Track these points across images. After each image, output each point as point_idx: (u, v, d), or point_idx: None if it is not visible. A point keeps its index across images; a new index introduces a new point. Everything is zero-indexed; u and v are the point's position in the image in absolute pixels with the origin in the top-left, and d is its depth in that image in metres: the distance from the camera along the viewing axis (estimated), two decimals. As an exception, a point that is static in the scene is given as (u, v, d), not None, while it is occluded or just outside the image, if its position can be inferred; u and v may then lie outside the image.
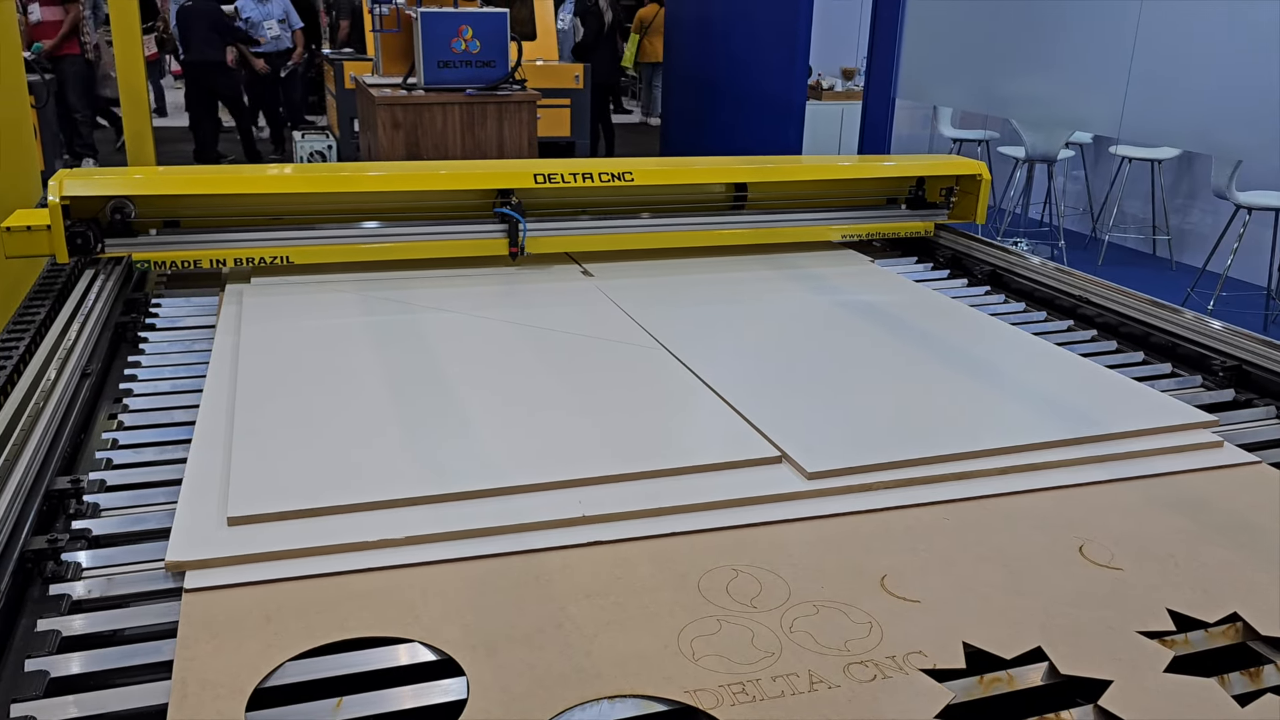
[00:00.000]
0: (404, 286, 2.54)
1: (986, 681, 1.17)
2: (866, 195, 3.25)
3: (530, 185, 2.75)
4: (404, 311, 2.35)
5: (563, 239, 2.83)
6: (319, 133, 8.96)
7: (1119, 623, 1.28)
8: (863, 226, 3.13)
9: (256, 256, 2.57)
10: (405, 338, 2.17)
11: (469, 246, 2.73)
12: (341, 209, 2.72)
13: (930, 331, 2.34)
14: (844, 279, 2.79)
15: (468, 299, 2.46)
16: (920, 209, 3.23)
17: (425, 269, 2.67)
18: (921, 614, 1.29)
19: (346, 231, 2.67)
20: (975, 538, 1.49)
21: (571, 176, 2.76)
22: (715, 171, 3.11)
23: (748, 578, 1.35)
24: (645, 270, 2.79)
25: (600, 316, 2.36)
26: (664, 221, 2.93)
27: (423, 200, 2.77)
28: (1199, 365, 2.28)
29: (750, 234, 3.00)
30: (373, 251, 2.67)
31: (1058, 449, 1.76)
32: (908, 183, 3.25)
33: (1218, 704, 1.14)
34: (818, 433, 1.74)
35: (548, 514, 1.47)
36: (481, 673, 1.14)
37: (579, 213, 2.90)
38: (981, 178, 3.14)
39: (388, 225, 2.70)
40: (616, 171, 2.82)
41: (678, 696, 1.11)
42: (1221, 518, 1.58)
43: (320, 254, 2.62)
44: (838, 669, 1.17)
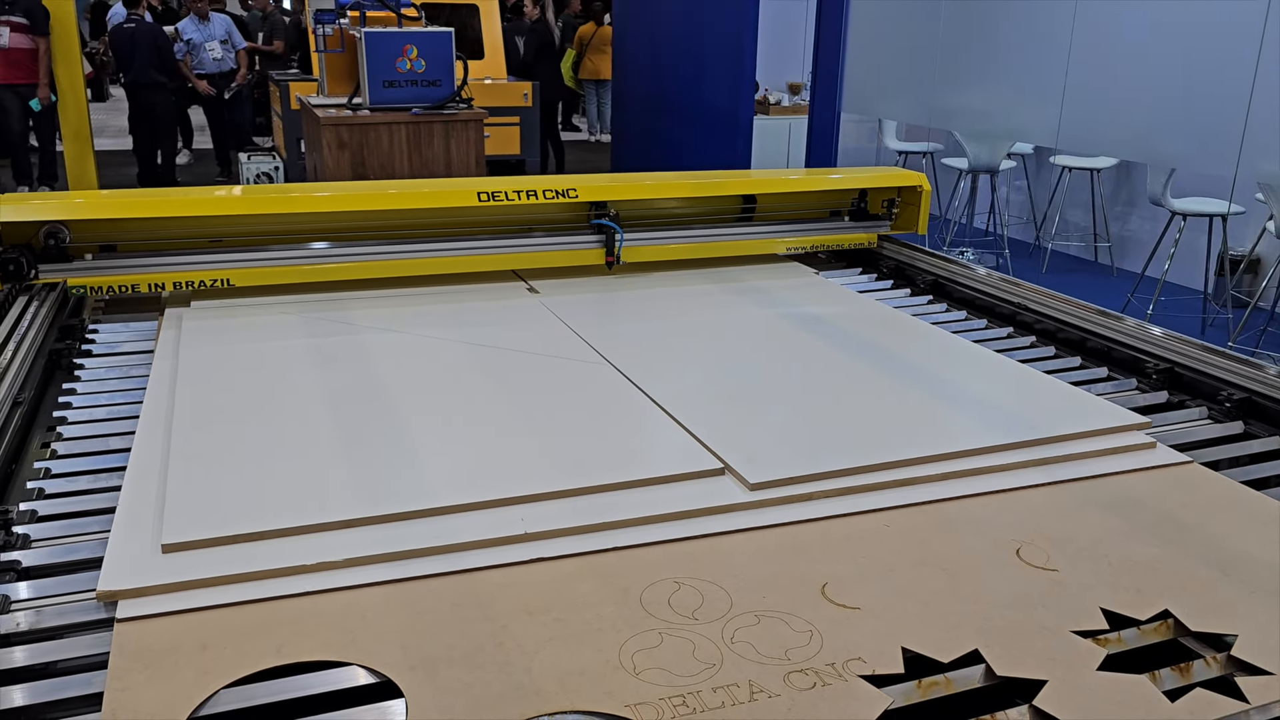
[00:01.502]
0: (348, 307, 2.52)
1: (925, 686, 1.19)
2: (810, 208, 3.28)
3: (473, 204, 2.75)
4: (347, 332, 2.34)
5: (509, 257, 2.83)
6: (265, 154, 8.88)
7: (1054, 623, 1.30)
8: (807, 239, 3.17)
9: (196, 280, 2.53)
10: (347, 358, 2.16)
11: (416, 266, 2.72)
12: (283, 230, 2.68)
13: (872, 341, 2.37)
14: (789, 291, 2.81)
15: (412, 319, 2.44)
16: (863, 220, 3.27)
17: (369, 289, 2.66)
18: (861, 621, 1.30)
19: (288, 253, 2.63)
20: (914, 544, 1.50)
21: (516, 194, 2.75)
22: (660, 187, 3.12)
23: (690, 590, 1.36)
24: (591, 286, 2.79)
25: (545, 333, 2.36)
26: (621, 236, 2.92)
27: (367, 221, 2.75)
28: (1133, 368, 2.33)
29: (696, 248, 3.01)
30: (316, 272, 2.64)
31: (995, 454, 1.78)
32: (850, 195, 3.29)
33: (1149, 700, 1.16)
34: (759, 444, 1.75)
35: (488, 532, 1.46)
36: (420, 694, 1.13)
37: (526, 230, 2.90)
38: (922, 189, 3.20)
39: (332, 246, 2.68)
40: (561, 189, 2.82)
41: (618, 711, 1.11)
42: (1154, 517, 1.61)
43: (262, 276, 2.59)
44: (778, 678, 1.17)
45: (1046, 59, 4.88)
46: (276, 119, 9.08)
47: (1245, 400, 2.08)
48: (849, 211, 3.30)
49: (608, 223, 2.89)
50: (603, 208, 2.88)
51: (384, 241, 2.72)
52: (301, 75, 8.86)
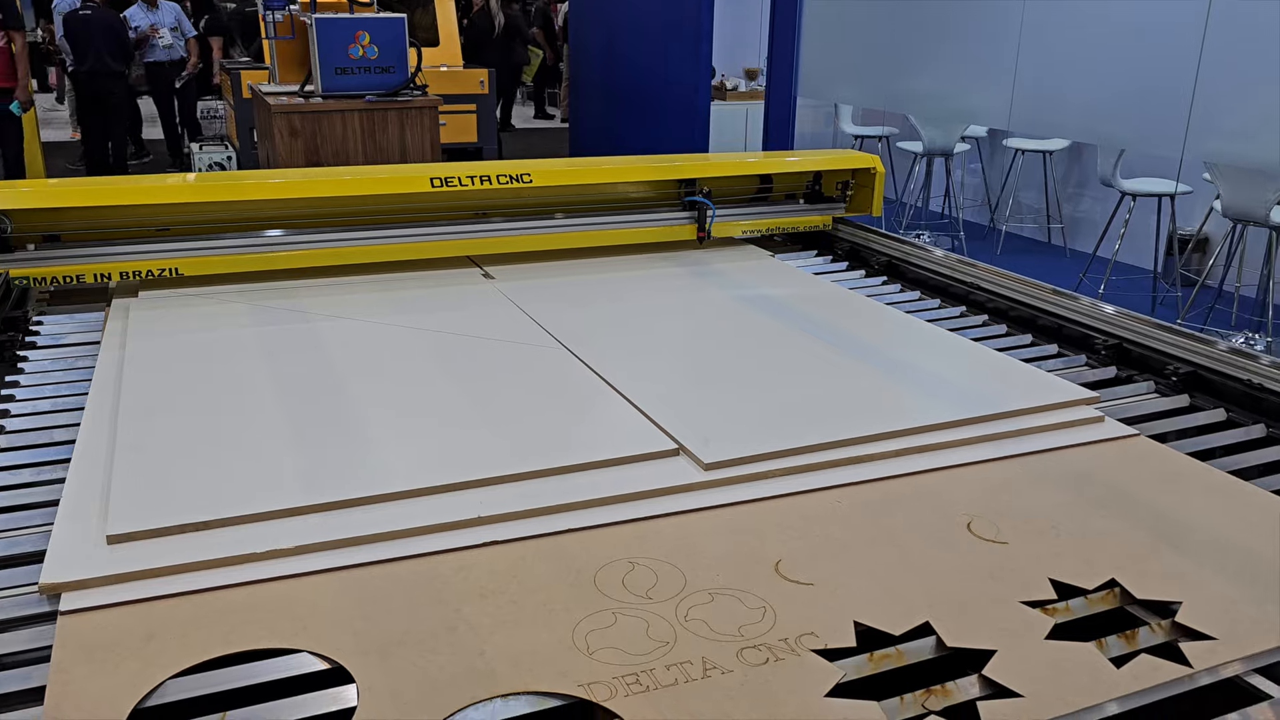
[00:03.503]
0: (300, 296, 2.49)
1: (876, 658, 1.20)
2: (766, 191, 3.28)
3: (426, 189, 2.71)
4: (299, 320, 2.31)
5: (464, 243, 2.80)
6: (218, 144, 8.74)
7: (1004, 594, 1.32)
8: (763, 222, 3.16)
9: (144, 270, 2.49)
10: (299, 347, 2.13)
11: (369, 253, 2.69)
12: (233, 218, 2.64)
13: (826, 322, 2.38)
14: (744, 274, 2.81)
15: (366, 306, 2.42)
16: (818, 203, 3.28)
17: (322, 277, 2.62)
18: (814, 596, 1.31)
19: (238, 241, 2.59)
20: (867, 520, 1.51)
21: (470, 180, 2.72)
22: (615, 171, 3.09)
23: (644, 570, 1.36)
24: (547, 272, 2.77)
25: (500, 318, 2.34)
26: (566, 222, 2.92)
27: (319, 208, 2.71)
28: (1083, 345, 2.36)
29: (652, 231, 3.00)
30: (267, 261, 2.60)
31: (947, 430, 1.80)
32: (805, 178, 3.29)
33: (1095, 667, 1.18)
34: (714, 425, 1.75)
35: (441, 517, 1.45)
36: (372, 678, 1.12)
37: (481, 216, 2.87)
38: (876, 171, 3.19)
39: (284, 234, 2.64)
40: (515, 174, 2.78)
41: (571, 691, 1.11)
42: (1102, 489, 1.64)
43: (211, 265, 2.55)
44: (731, 654, 1.18)
45: (998, 43, 4.92)
46: (229, 108, 8.94)
47: (1191, 374, 2.12)
48: (804, 194, 3.30)
49: (700, 199, 2.97)
50: (558, 193, 2.89)
51: (337, 229, 2.68)
52: (254, 64, 8.73)
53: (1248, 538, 1.48)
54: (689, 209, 3.02)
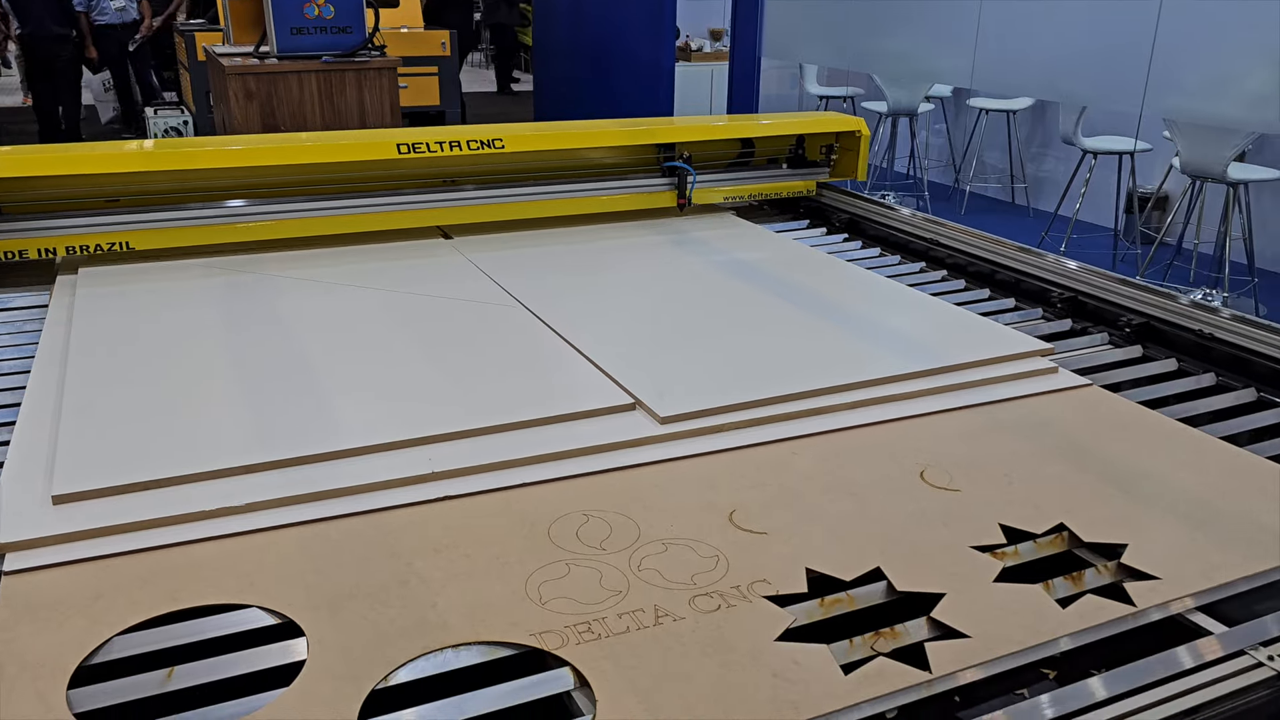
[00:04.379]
0: (255, 268, 2.41)
1: (827, 603, 1.21)
2: (747, 156, 3.16)
3: (393, 156, 2.59)
4: (253, 288, 2.26)
5: (432, 212, 2.68)
6: (173, 108, 8.57)
7: (954, 540, 1.33)
8: (746, 187, 3.07)
9: (92, 244, 2.36)
10: (252, 311, 2.10)
11: (331, 224, 2.57)
12: (187, 188, 2.50)
13: (791, 280, 2.38)
14: (722, 239, 2.75)
15: (326, 275, 2.36)
16: (801, 168, 3.17)
17: (280, 250, 2.51)
18: (767, 545, 1.31)
19: (193, 213, 2.46)
20: (822, 470, 1.52)
21: (438, 145, 2.60)
22: (592, 136, 2.93)
23: (598, 522, 1.36)
24: (517, 241, 2.68)
25: (463, 281, 2.32)
26: (540, 190, 2.79)
27: (278, 176, 2.57)
28: (1039, 299, 2.38)
29: (630, 199, 2.89)
30: (223, 233, 2.48)
31: (903, 382, 1.81)
32: (788, 142, 3.19)
33: (1041, 607, 1.19)
34: (671, 379, 1.75)
35: (395, 473, 1.44)
36: (322, 632, 1.11)
37: (449, 183, 2.75)
38: (860, 134, 3.09)
39: (241, 204, 2.51)
40: (486, 139, 2.67)
41: (523, 640, 1.11)
42: (1054, 438, 1.65)
43: (163, 238, 2.43)
44: (683, 602, 1.18)
45: (961, 1, 4.91)
46: (184, 71, 8.76)
47: (1144, 325, 2.14)
48: (787, 159, 3.20)
49: (680, 164, 2.86)
50: (531, 159, 2.79)
51: (297, 199, 2.56)
52: (208, 25, 8.54)
53: (1194, 482, 1.50)
54: (668, 175, 2.93)
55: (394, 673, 1.06)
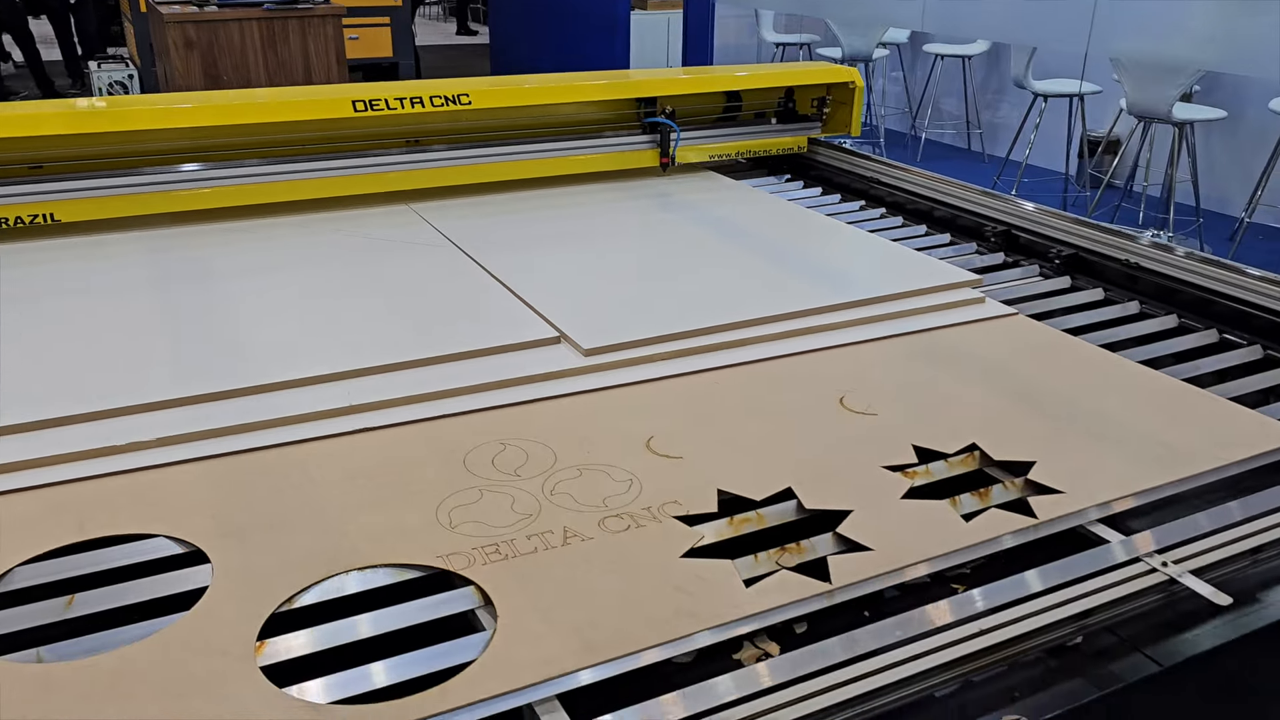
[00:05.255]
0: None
1: (736, 522, 1.22)
2: (734, 110, 2.94)
3: (348, 114, 2.33)
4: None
5: (392, 176, 2.42)
6: (118, 63, 8.37)
7: (867, 461, 1.35)
8: (733, 144, 2.86)
9: (12, 216, 2.11)
10: (180, 265, 2.03)
11: (279, 190, 2.31)
12: (120, 152, 2.22)
13: (737, 222, 2.37)
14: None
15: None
16: (792, 123, 2.97)
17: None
18: (681, 469, 1.32)
19: (125, 180, 2.19)
20: (742, 398, 1.53)
21: (399, 102, 2.36)
22: (566, 90, 2.63)
23: (515, 450, 1.36)
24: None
25: (409, 233, 2.25)
26: (510, 150, 2.55)
27: (221, 137, 2.30)
28: (975, 234, 2.40)
29: (609, 158, 2.68)
30: (156, 202, 2.22)
31: (829, 313, 1.82)
32: (775, 95, 2.98)
33: (945, 521, 1.21)
34: (598, 314, 1.75)
35: (316, 406, 1.44)
36: (228, 559, 1.11)
37: (410, 144, 2.49)
38: (855, 86, 2.90)
39: (178, 171, 2.25)
40: (451, 94, 2.42)
41: (429, 562, 1.12)
42: (975, 364, 1.67)
43: (91, 208, 2.17)
44: (593, 523, 1.19)
45: (910, -60, 4.88)
46: (128, 24, 8.55)
47: (1072, 256, 2.16)
48: (776, 113, 2.99)
49: (662, 120, 2.68)
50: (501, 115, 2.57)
51: (241, 163, 2.30)
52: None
53: (1106, 403, 1.53)
54: (650, 132, 2.73)
55: (298, 596, 1.06)
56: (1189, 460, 1.36)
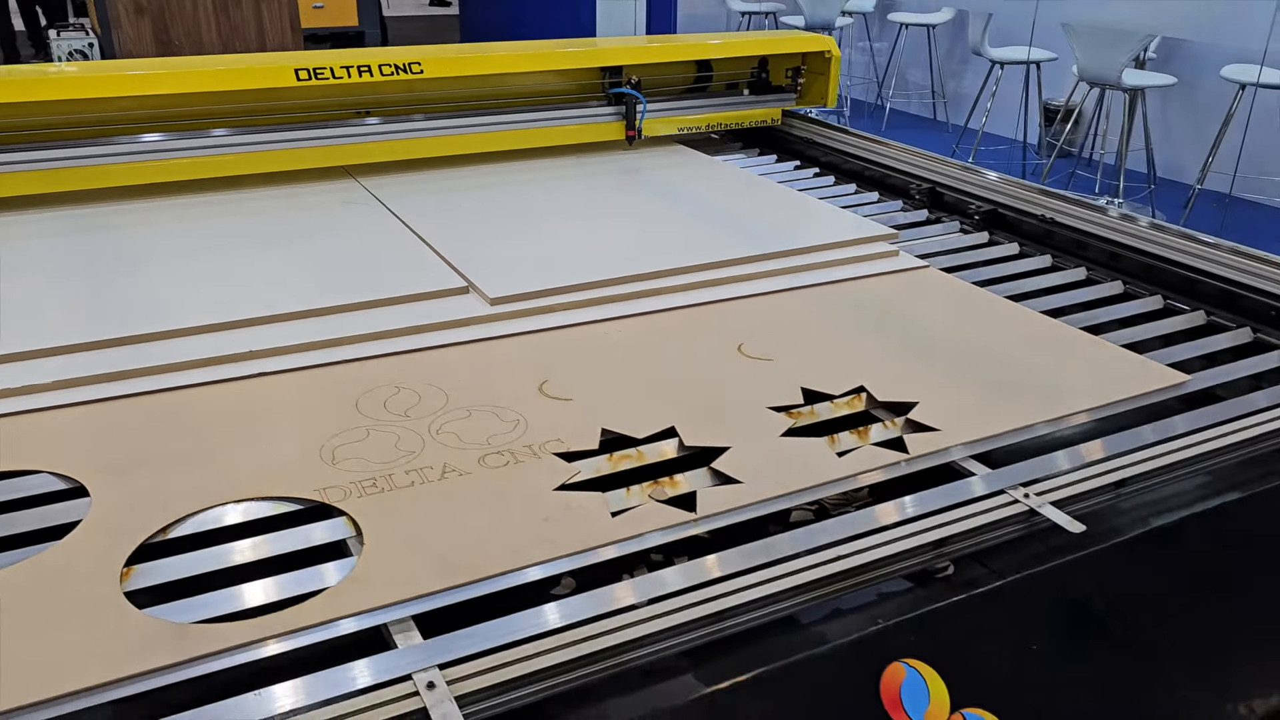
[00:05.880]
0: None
1: (616, 458, 1.25)
2: (705, 81, 2.83)
3: (290, 83, 2.18)
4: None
5: (334, 149, 2.29)
6: (78, 31, 8.26)
7: (753, 402, 1.38)
8: (703, 117, 2.75)
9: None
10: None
11: (211, 165, 2.18)
12: (50, 124, 2.10)
13: (682, 188, 2.35)
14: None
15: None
16: (765, 94, 2.87)
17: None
18: (570, 410, 1.35)
19: (37, 155, 2.04)
20: (642, 344, 1.56)
21: (344, 71, 2.23)
22: (525, 59, 2.50)
23: (408, 393, 1.39)
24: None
25: (346, 201, 2.22)
26: (465, 122, 2.43)
27: (156, 108, 2.17)
28: (902, 192, 2.43)
29: (570, 131, 2.56)
30: (84, 177, 2.08)
31: (743, 264, 1.85)
32: (748, 64, 2.86)
33: (819, 457, 1.24)
34: (509, 266, 1.77)
35: (218, 352, 1.45)
36: (108, 493, 1.13)
37: (363, 116, 2.38)
38: (830, 55, 2.80)
39: (108, 144, 2.10)
40: (402, 63, 2.29)
41: (306, 495, 1.14)
42: (879, 312, 1.70)
43: (11, 184, 2.03)
44: (473, 460, 1.22)
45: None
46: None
47: (991, 212, 2.20)
48: (749, 84, 2.88)
49: (628, 91, 2.56)
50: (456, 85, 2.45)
51: (176, 135, 2.17)
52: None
53: (1000, 347, 1.56)
54: (615, 103, 2.61)
55: (172, 526, 1.08)
56: (1068, 400, 1.40)
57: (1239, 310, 1.75)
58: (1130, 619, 1.05)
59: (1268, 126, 5.26)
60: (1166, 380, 1.48)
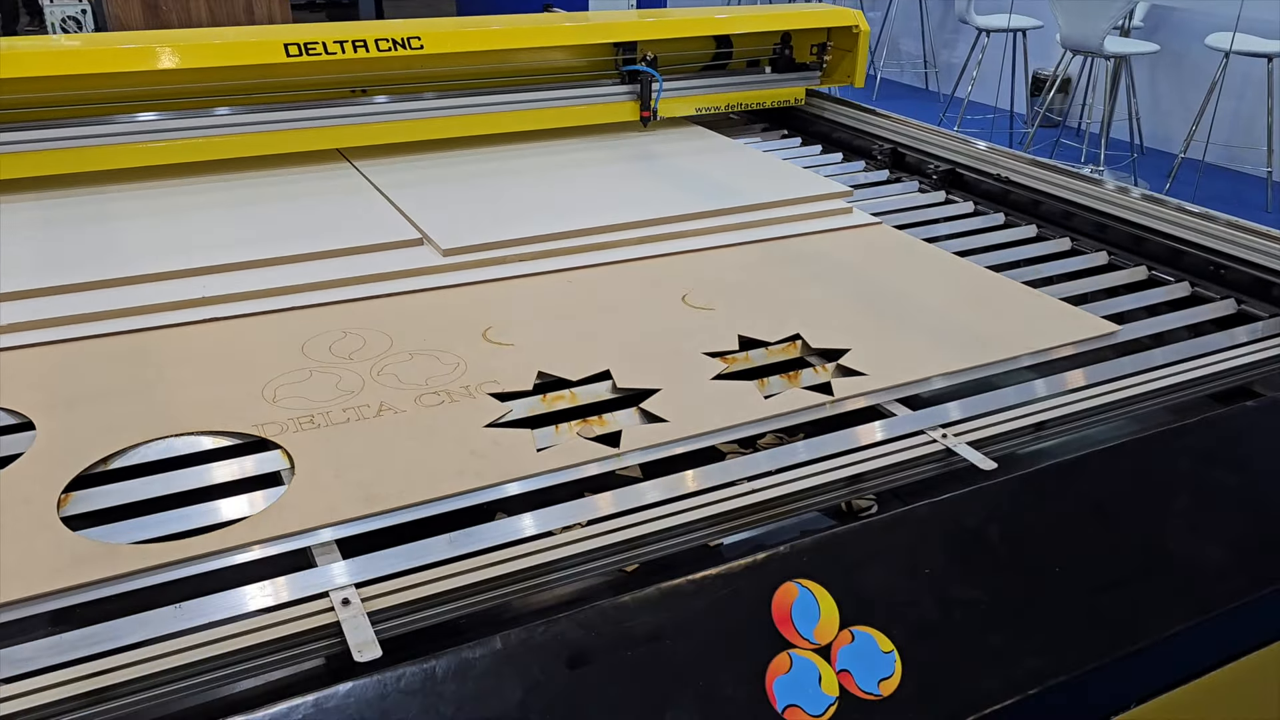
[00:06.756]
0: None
1: (549, 399, 1.29)
2: (724, 58, 2.69)
3: (280, 59, 2.03)
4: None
5: (327, 131, 2.15)
6: None
7: (689, 349, 1.42)
8: (723, 96, 2.59)
9: None
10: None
11: (193, 149, 2.02)
12: (19, 102, 1.92)
13: (660, 154, 2.34)
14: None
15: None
16: (789, 71, 2.69)
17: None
18: (509, 354, 1.39)
19: (24, 135, 1.90)
20: (589, 295, 1.59)
21: (337, 46, 2.07)
22: (532, 33, 2.32)
23: (354, 337, 1.42)
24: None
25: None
26: (466, 102, 2.27)
27: (136, 86, 2.01)
28: (865, 154, 2.45)
29: (581, 112, 2.40)
30: (47, 161, 1.92)
31: (696, 219, 1.88)
32: (770, 40, 2.69)
33: (745, 399, 1.28)
34: (465, 219, 1.81)
35: (172, 298, 1.49)
36: (52, 426, 1.17)
37: (359, 95, 2.23)
38: (859, 30, 2.62)
39: (86, 125, 1.95)
40: (400, 38, 2.13)
41: (244, 429, 1.18)
42: (827, 266, 1.74)
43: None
44: (410, 399, 1.26)
45: None
46: (80, -41, 8.39)
47: (949, 172, 2.22)
48: (770, 61, 2.72)
49: (643, 69, 2.40)
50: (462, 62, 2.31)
51: (159, 115, 2.01)
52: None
53: (939, 299, 1.60)
54: (628, 82, 2.46)
55: (113, 458, 1.12)
56: (999, 348, 1.44)
57: (1180, 266, 1.78)
58: (1021, 547, 1.09)
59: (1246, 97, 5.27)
60: (1098, 330, 1.51)
